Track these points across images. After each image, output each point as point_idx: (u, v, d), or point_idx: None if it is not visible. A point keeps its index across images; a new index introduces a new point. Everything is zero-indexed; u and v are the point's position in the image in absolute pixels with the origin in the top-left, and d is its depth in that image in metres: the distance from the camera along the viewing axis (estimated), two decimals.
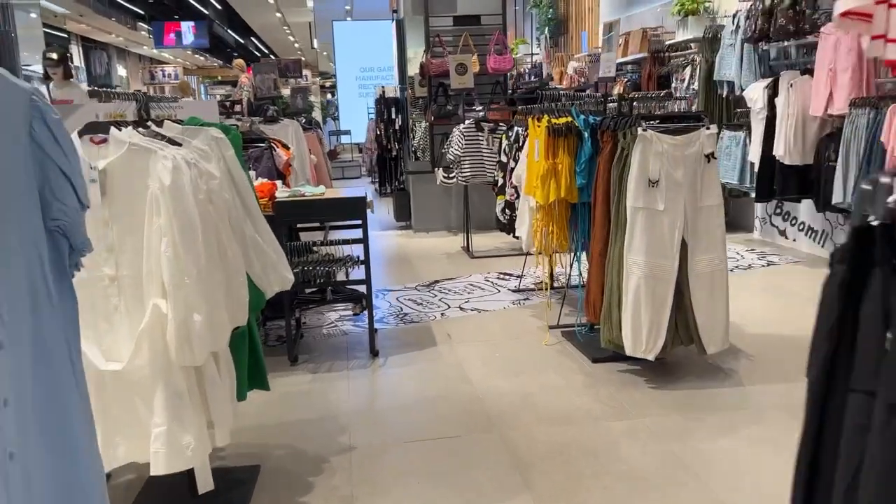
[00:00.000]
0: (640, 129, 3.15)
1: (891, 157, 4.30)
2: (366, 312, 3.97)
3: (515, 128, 4.76)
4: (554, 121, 3.72)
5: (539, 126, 3.80)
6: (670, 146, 3.15)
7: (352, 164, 14.97)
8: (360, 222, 3.70)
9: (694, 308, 3.28)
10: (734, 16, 6.07)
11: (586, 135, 3.62)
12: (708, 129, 3.20)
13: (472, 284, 5.37)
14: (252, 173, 4.13)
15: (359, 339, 4.12)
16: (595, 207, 3.51)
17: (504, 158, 4.94)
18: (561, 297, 4.61)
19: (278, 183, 4.05)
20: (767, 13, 5.44)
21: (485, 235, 7.02)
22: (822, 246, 5.79)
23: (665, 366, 3.49)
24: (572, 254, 4.11)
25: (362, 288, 3.88)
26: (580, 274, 3.98)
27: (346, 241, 3.77)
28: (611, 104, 3.82)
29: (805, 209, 5.91)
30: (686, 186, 3.18)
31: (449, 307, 4.78)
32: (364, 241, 3.73)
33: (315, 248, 3.82)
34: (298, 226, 4.48)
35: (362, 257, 3.76)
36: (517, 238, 4.64)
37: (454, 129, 6.35)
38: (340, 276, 3.87)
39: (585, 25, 10.83)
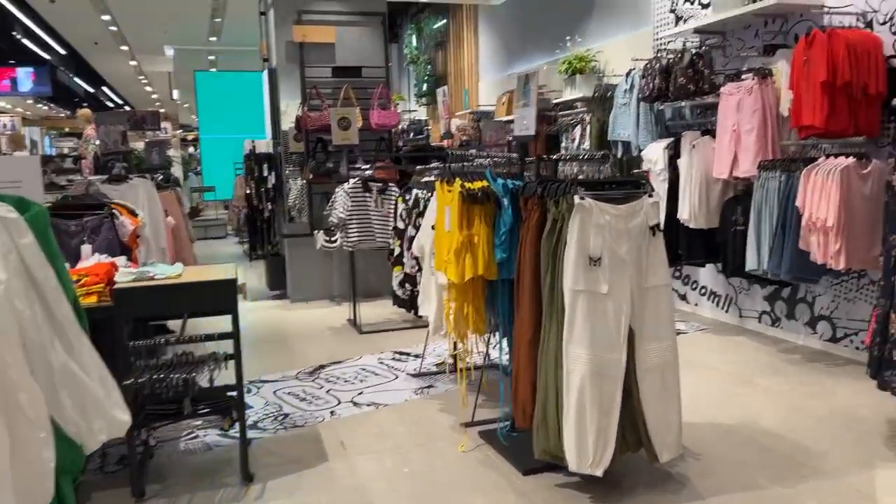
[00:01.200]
0: (577, 197, 2.63)
1: (807, 223, 4.09)
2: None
3: (414, 190, 4.16)
4: (468, 185, 3.16)
5: (450, 191, 3.22)
6: (613, 218, 2.66)
7: (216, 223, 13.82)
8: (230, 310, 2.92)
9: (644, 408, 2.76)
10: (628, 74, 5.89)
11: (505, 202, 3.07)
12: (650, 196, 2.74)
13: (364, 369, 4.64)
14: (86, 248, 3.24)
15: (227, 457, 3.26)
16: (520, 287, 2.95)
17: (401, 224, 4.32)
18: (474, 384, 3.99)
19: (121, 260, 3.19)
20: (665, 72, 5.26)
21: (373, 305, 6.33)
22: (727, 311, 5.58)
23: (610, 476, 2.93)
24: (490, 335, 3.52)
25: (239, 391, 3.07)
26: (501, 358, 3.38)
27: (209, 338, 2.95)
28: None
29: (706, 274, 5.71)
30: (631, 264, 2.69)
31: (339, 402, 4.01)
32: (234, 335, 2.94)
33: (169, 346, 2.97)
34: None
35: (231, 351, 2.96)
36: (420, 317, 3.98)
37: (337, 189, 5.68)
38: (203, 381, 3.03)
39: (466, 83, 10.60)
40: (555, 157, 3.46)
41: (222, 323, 2.96)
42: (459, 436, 3.42)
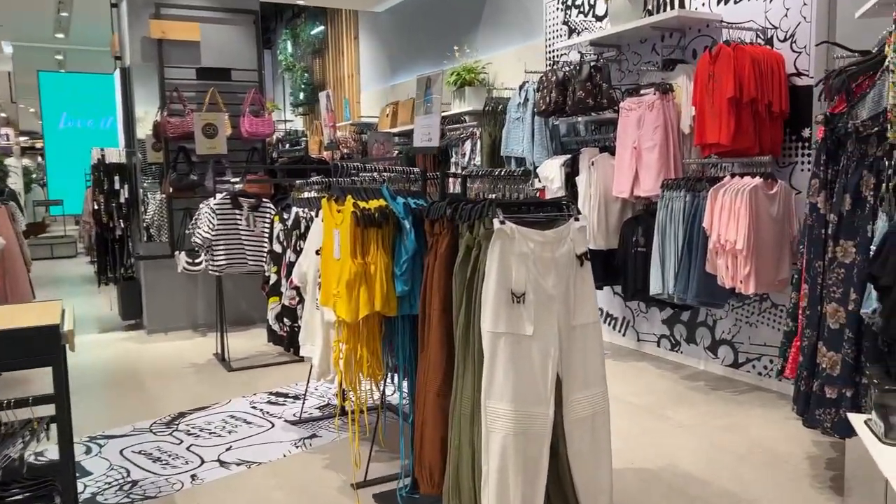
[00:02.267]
0: (496, 221, 2.19)
1: (715, 245, 3.90)
2: None
3: (294, 208, 3.58)
4: (361, 204, 2.64)
5: (340, 211, 2.69)
6: (538, 245, 2.24)
7: (64, 241, 12.37)
8: (50, 366, 2.23)
9: (572, 468, 2.34)
10: (521, 87, 5.61)
11: (407, 224, 2.59)
12: (577, 219, 2.35)
13: (233, 417, 3.97)
14: None
15: None
16: (427, 325, 2.47)
17: (278, 248, 3.71)
18: (366, 434, 3.45)
19: None
20: (562, 85, 5.00)
21: (245, 335, 5.62)
22: (624, 335, 5.37)
23: None
24: (388, 377, 3.01)
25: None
26: (400, 401, 2.88)
27: (20, 403, 2.25)
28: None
29: (603, 296, 5.49)
30: (558, 300, 2.28)
31: (202, 462, 3.34)
32: (57, 397, 2.25)
33: None
34: None
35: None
36: (302, 358, 3.40)
37: (201, 205, 4.97)
38: (15, 454, 2.31)
39: (346, 93, 10.05)
40: (464, 172, 3.02)
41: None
42: (350, 501, 2.88)
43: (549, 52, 5.91)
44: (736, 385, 4.35)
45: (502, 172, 2.59)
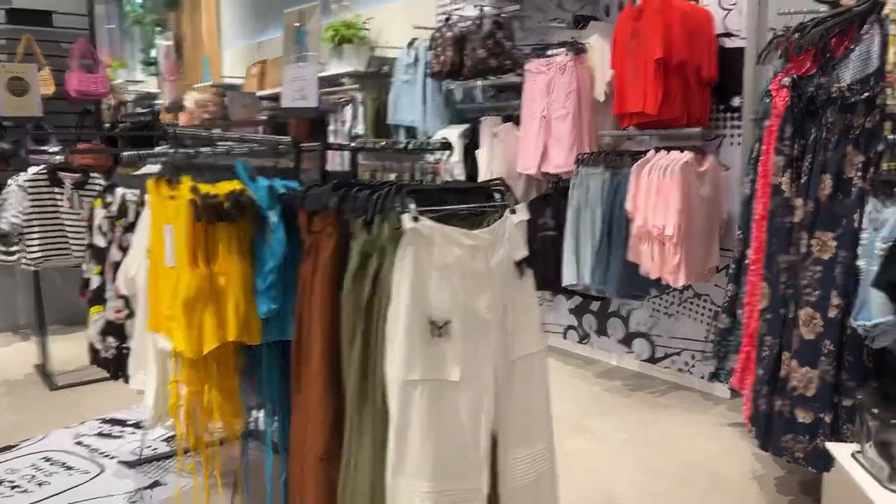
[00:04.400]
0: (407, 218, 1.48)
1: (640, 230, 3.39)
2: None
3: (119, 189, 2.67)
4: (204, 188, 1.84)
5: (174, 197, 1.88)
6: (466, 252, 1.55)
7: None
8: None
9: None
10: (410, 45, 4.87)
11: (273, 218, 1.82)
12: (514, 211, 1.68)
13: (49, 459, 3.04)
14: None
15: None
16: (305, 363, 1.74)
17: (101, 241, 2.79)
18: (226, 475, 2.66)
19: None
20: (458, 43, 4.31)
21: (75, 339, 4.58)
22: None
23: None
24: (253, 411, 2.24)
25: None
26: (269, 435, 2.13)
27: None
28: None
29: None
30: (495, 327, 1.61)
31: None
32: None
33: None
34: None
35: None
36: (139, 392, 2.54)
37: (10, 182, 3.90)
38: None
39: (207, 50, 8.86)
40: (354, 143, 2.26)
41: None
42: None
43: (442, 7, 5.19)
44: (655, 383, 3.92)
45: (410, 145, 1.87)
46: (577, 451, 3.07)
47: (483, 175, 4.27)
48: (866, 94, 2.09)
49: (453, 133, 4.46)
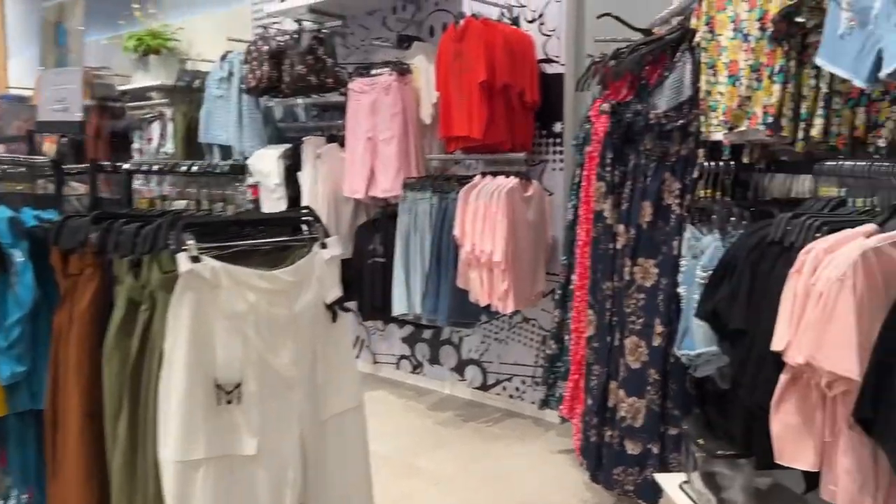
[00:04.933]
0: (184, 257, 1.20)
1: (468, 256, 3.29)
2: None
3: None
4: None
5: None
6: (264, 297, 1.30)
7: None
8: None
9: None
10: (224, 58, 4.50)
11: (20, 257, 1.45)
12: (324, 245, 1.45)
13: None
14: None
15: None
16: (60, 438, 1.39)
17: None
18: None
19: None
20: (276, 58, 4.02)
21: None
22: (358, 357, 4.60)
23: None
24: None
25: None
26: None
27: None
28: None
29: None
30: (300, 384, 1.36)
31: None
32: None
33: None
34: None
35: None
36: None
37: None
38: None
39: None
40: (132, 164, 1.90)
41: None
42: None
43: (258, 19, 4.86)
44: (487, 411, 3.83)
45: (195, 167, 1.58)
46: (409, 494, 2.87)
47: (306, 198, 3.99)
48: (681, 122, 2.10)
49: (273, 153, 4.14)
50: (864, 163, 1.55)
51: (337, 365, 1.45)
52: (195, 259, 1.21)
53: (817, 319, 1.32)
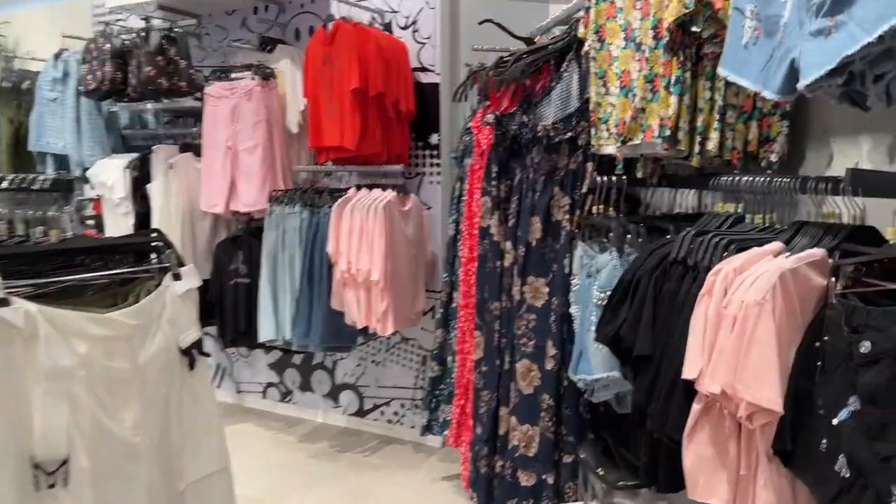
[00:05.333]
0: None
1: (342, 276, 3.06)
2: None
3: None
4: None
5: None
6: (98, 346, 1.02)
7: None
8: None
9: None
10: (57, 57, 3.99)
11: None
12: (177, 276, 1.20)
13: None
14: None
15: None
16: None
17: None
18: None
19: None
20: (120, 57, 3.60)
21: None
22: (219, 387, 4.21)
23: None
24: None
25: None
26: None
27: None
28: None
29: None
30: (148, 451, 1.10)
31: None
32: None
33: None
34: None
35: None
36: None
37: None
38: None
39: None
40: None
41: None
42: None
43: (99, 15, 4.37)
44: (364, 439, 3.60)
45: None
46: None
47: (158, 215, 3.59)
48: (569, 134, 2.00)
49: (117, 163, 3.70)
50: (760, 178, 1.51)
51: (196, 421, 1.20)
52: (2, 302, 0.92)
53: (734, 346, 1.24)
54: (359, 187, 3.19)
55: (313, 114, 3.20)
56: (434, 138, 3.38)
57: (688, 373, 1.34)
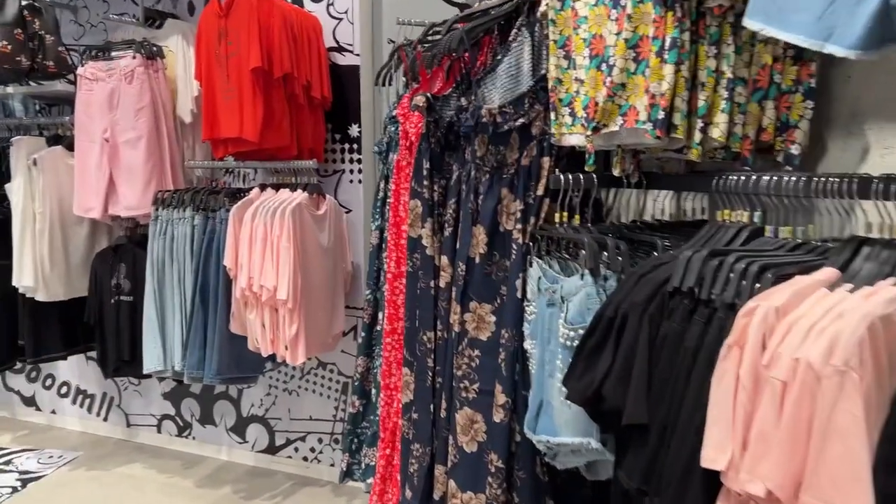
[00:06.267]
0: None
1: (243, 294, 2.54)
2: None
3: None
4: None
5: None
6: None
7: None
8: None
9: None
10: None
11: None
12: None
13: None
14: None
15: None
16: None
17: None
18: None
19: None
20: None
21: None
22: (106, 419, 3.60)
23: None
24: None
25: None
26: None
27: None
28: None
29: (72, 363, 3.59)
30: None
31: None
32: None
33: None
34: None
35: None
36: None
37: None
38: None
39: None
40: None
41: None
42: None
43: None
44: (276, 481, 3.08)
45: None
46: None
47: (20, 219, 2.97)
48: (520, 121, 1.56)
49: None
50: (792, 177, 1.11)
51: None
52: None
53: (789, 429, 0.82)
54: (263, 187, 2.68)
55: (207, 99, 2.66)
56: (354, 129, 2.90)
57: (711, 460, 0.92)
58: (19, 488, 2.98)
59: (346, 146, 2.93)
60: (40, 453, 3.34)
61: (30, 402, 3.78)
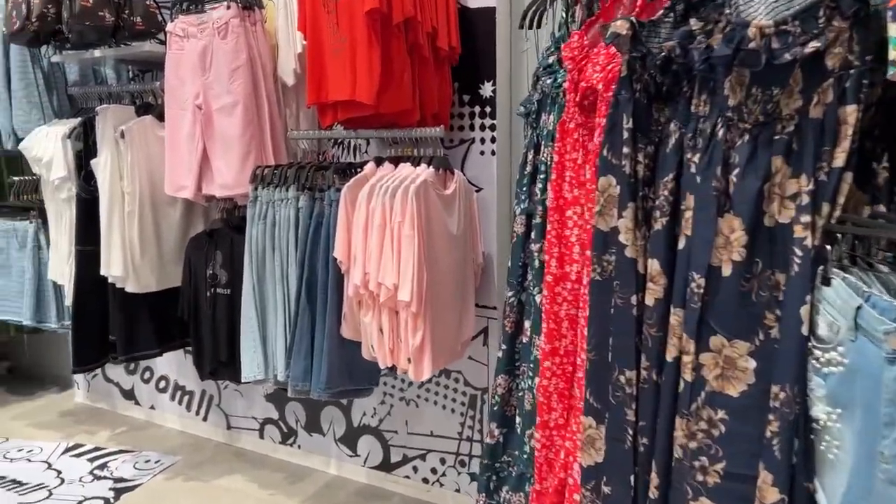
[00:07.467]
0: None
1: (356, 292, 2.06)
2: None
3: None
4: None
5: None
6: None
7: None
8: None
9: None
10: None
11: None
12: None
13: None
14: None
15: None
16: None
17: None
18: None
19: None
20: None
21: None
22: (206, 419, 3.27)
23: None
24: None
25: None
26: None
27: None
28: None
29: (170, 358, 3.27)
30: None
31: None
32: None
33: None
34: None
35: None
36: None
37: None
38: None
39: None
40: None
41: None
42: None
43: None
44: (392, 503, 2.65)
45: None
46: None
47: (107, 201, 2.61)
48: (813, 46, 0.96)
49: (55, 132, 2.74)
50: None
51: None
52: None
53: None
54: (379, 161, 2.18)
55: (313, 55, 2.17)
56: (486, 88, 2.34)
57: None
58: (112, 500, 2.67)
59: (476, 109, 2.38)
60: (137, 456, 3.05)
61: (129, 395, 3.51)
